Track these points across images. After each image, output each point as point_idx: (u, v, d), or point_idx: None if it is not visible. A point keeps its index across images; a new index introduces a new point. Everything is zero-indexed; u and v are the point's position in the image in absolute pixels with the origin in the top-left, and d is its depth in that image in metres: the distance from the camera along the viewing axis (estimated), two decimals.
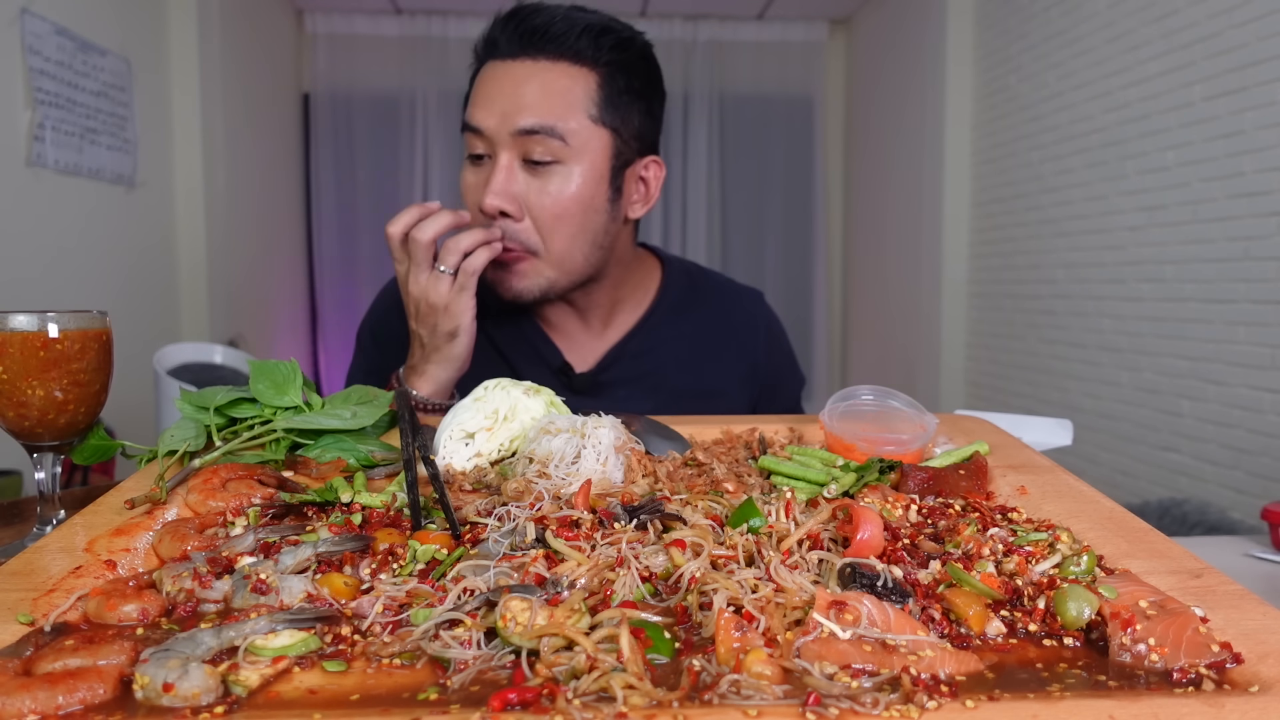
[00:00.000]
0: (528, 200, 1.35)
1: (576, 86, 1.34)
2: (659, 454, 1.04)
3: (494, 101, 1.33)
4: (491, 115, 1.33)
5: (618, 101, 1.38)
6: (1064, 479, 0.94)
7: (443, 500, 0.79)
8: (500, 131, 1.33)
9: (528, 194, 1.35)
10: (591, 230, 1.40)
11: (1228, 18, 2.85)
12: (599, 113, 1.36)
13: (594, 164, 1.37)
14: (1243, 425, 2.86)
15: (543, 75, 1.33)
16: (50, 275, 3.26)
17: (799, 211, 6.12)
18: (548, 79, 1.33)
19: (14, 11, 3.03)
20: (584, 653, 0.54)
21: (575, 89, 1.34)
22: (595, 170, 1.37)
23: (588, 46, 1.35)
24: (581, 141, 1.35)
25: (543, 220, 1.36)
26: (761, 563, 0.68)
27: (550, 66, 1.34)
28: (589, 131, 1.35)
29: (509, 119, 1.32)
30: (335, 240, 5.90)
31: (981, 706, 0.51)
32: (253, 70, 4.92)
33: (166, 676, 0.52)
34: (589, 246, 1.41)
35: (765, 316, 1.68)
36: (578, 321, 1.55)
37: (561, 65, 1.34)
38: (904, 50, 5.05)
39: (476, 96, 1.37)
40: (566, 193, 1.35)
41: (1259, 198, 2.75)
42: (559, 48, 1.34)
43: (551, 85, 1.33)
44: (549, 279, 1.41)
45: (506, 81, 1.34)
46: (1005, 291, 4.23)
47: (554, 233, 1.36)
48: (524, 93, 1.32)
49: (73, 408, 0.96)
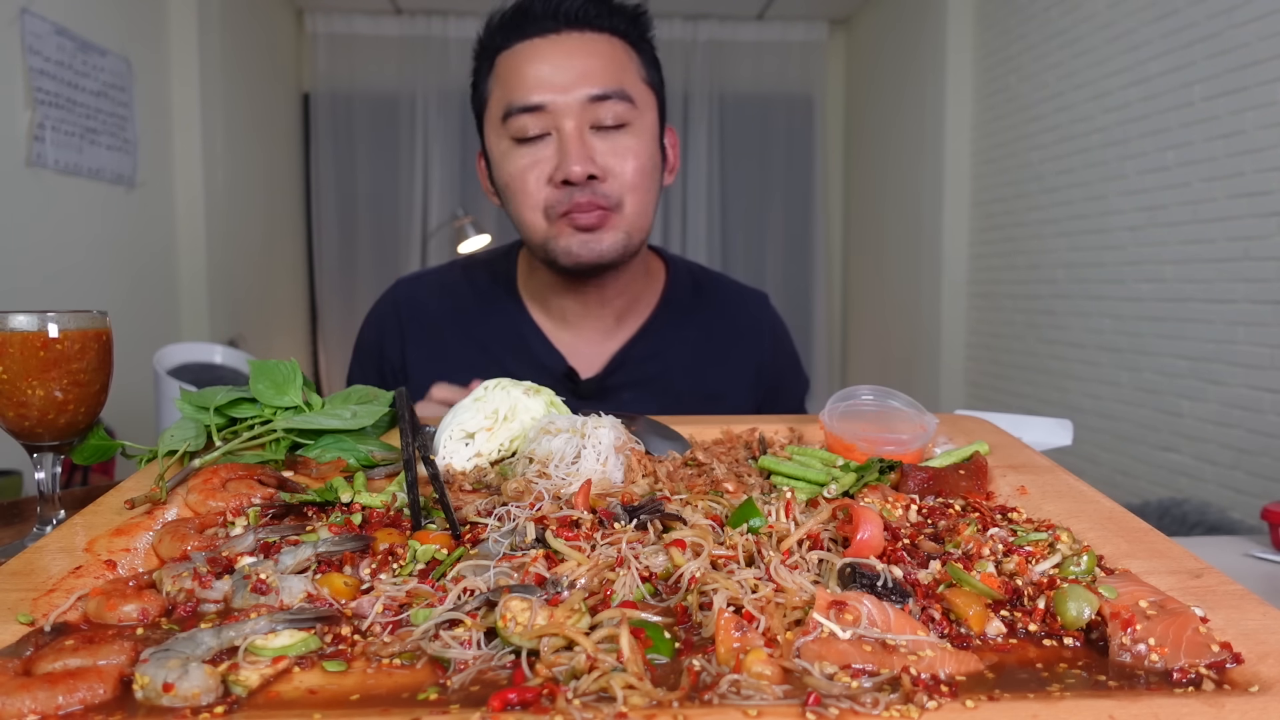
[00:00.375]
0: (606, 163, 1.36)
1: (620, 54, 1.39)
2: (659, 454, 1.04)
3: (552, 75, 1.34)
4: (552, 89, 1.33)
5: (651, 66, 1.44)
6: (1064, 479, 0.94)
7: (443, 500, 0.79)
8: (567, 102, 1.33)
9: (605, 156, 1.36)
10: (654, 192, 1.45)
11: (1228, 18, 2.85)
12: (646, 75, 1.42)
13: (651, 125, 1.42)
14: (1243, 425, 2.86)
15: (591, 44, 1.36)
16: (50, 275, 3.26)
17: (799, 211, 6.11)
18: (595, 48, 1.36)
19: (14, 11, 3.03)
20: (584, 653, 0.54)
21: (621, 55, 1.38)
22: (652, 131, 1.42)
23: (620, 21, 1.39)
24: (643, 103, 1.40)
25: (625, 179, 1.38)
26: (761, 563, 0.68)
27: (595, 37, 1.37)
28: (645, 94, 1.41)
29: (575, 88, 1.33)
30: (335, 240, 5.90)
31: (981, 706, 0.51)
32: (253, 70, 4.92)
33: (166, 676, 0.52)
34: (652, 209, 1.45)
35: (770, 319, 1.68)
36: (593, 321, 1.54)
37: (604, 36, 1.38)
38: (904, 50, 5.05)
39: (523, 76, 1.35)
40: (642, 152, 1.39)
41: (1259, 198, 2.75)
42: (597, 22, 1.37)
43: (603, 54, 1.36)
44: (625, 238, 1.41)
45: (557, 54, 1.35)
46: (1005, 291, 4.23)
47: (633, 191, 1.39)
48: (583, 61, 1.34)
49: (73, 408, 0.96)
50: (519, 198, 1.39)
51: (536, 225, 1.39)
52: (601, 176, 1.35)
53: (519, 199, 1.39)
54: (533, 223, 1.40)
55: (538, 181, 1.36)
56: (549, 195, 1.36)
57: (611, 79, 1.35)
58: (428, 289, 1.64)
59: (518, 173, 1.37)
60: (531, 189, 1.37)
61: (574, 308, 1.53)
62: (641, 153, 1.38)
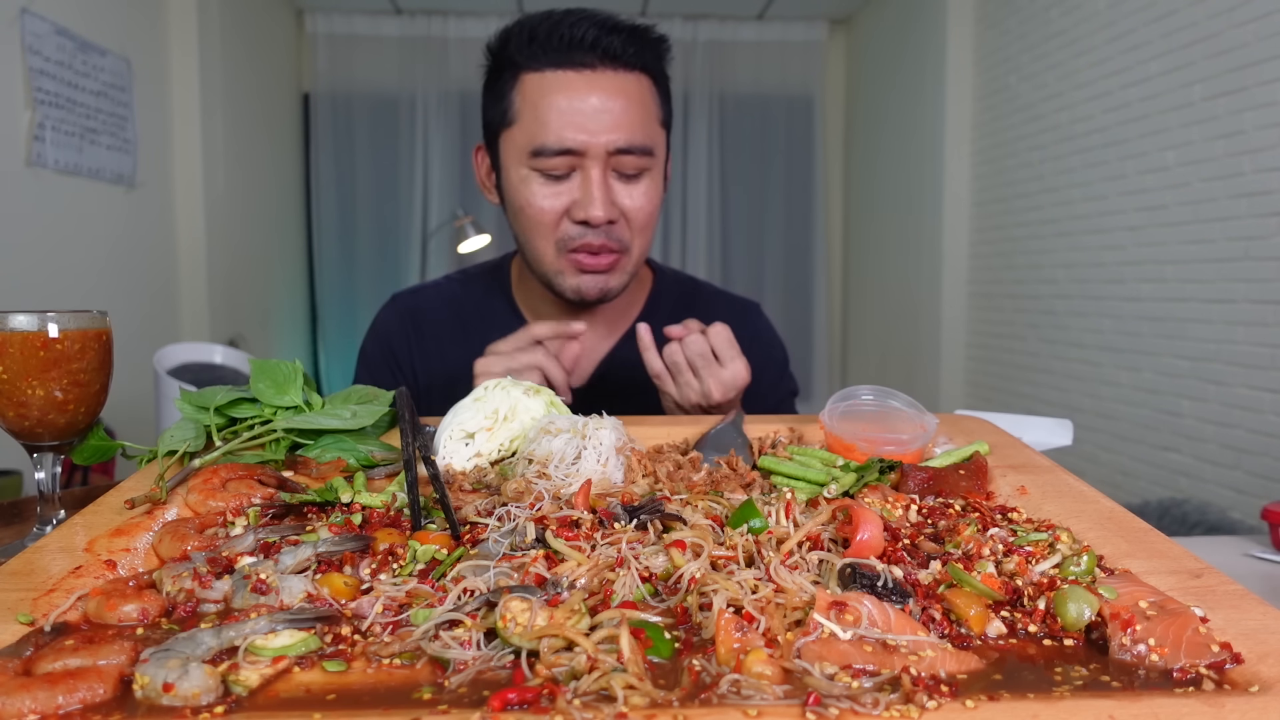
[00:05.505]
0: (624, 205, 1.40)
1: (647, 96, 1.40)
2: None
3: (586, 121, 1.34)
4: (586, 132, 1.34)
5: (665, 101, 1.46)
6: (1064, 479, 0.94)
7: (443, 500, 0.79)
8: (597, 147, 1.34)
9: (622, 199, 1.40)
10: (656, 228, 1.50)
11: (1228, 18, 2.85)
12: (661, 115, 1.44)
13: (662, 164, 1.46)
14: (1243, 425, 2.86)
15: (623, 86, 1.36)
16: (50, 275, 3.26)
17: (799, 211, 6.11)
18: (627, 91, 1.36)
19: (14, 11, 3.03)
20: (584, 653, 0.54)
21: (647, 98, 1.40)
22: (662, 171, 1.46)
23: (651, 57, 1.40)
24: (659, 150, 1.43)
25: (637, 222, 1.42)
26: (761, 563, 0.68)
27: (628, 77, 1.37)
28: (660, 137, 1.43)
29: (605, 133, 1.34)
30: (335, 240, 5.90)
31: (982, 706, 0.51)
32: (253, 70, 4.92)
33: (166, 676, 0.52)
34: (651, 241, 1.50)
35: (754, 327, 1.68)
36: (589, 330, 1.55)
37: (633, 75, 1.38)
38: (904, 50, 5.05)
39: (559, 113, 1.34)
40: (654, 198, 1.43)
41: (1259, 198, 2.75)
42: (632, 60, 1.37)
43: (634, 98, 1.37)
44: (630, 277, 1.48)
45: (594, 95, 1.34)
46: (1005, 291, 4.23)
47: (642, 232, 1.44)
48: (618, 108, 1.35)
49: (73, 408, 0.96)
50: (535, 227, 1.41)
51: (546, 254, 1.43)
52: (615, 220, 1.40)
53: (534, 228, 1.41)
54: (543, 251, 1.43)
55: (555, 215, 1.39)
56: (566, 230, 1.40)
57: (638, 131, 1.37)
58: (428, 301, 1.65)
59: (536, 202, 1.39)
60: (549, 222, 1.40)
61: (566, 319, 1.54)
62: (654, 196, 1.43)
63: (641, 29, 1.39)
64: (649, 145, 1.38)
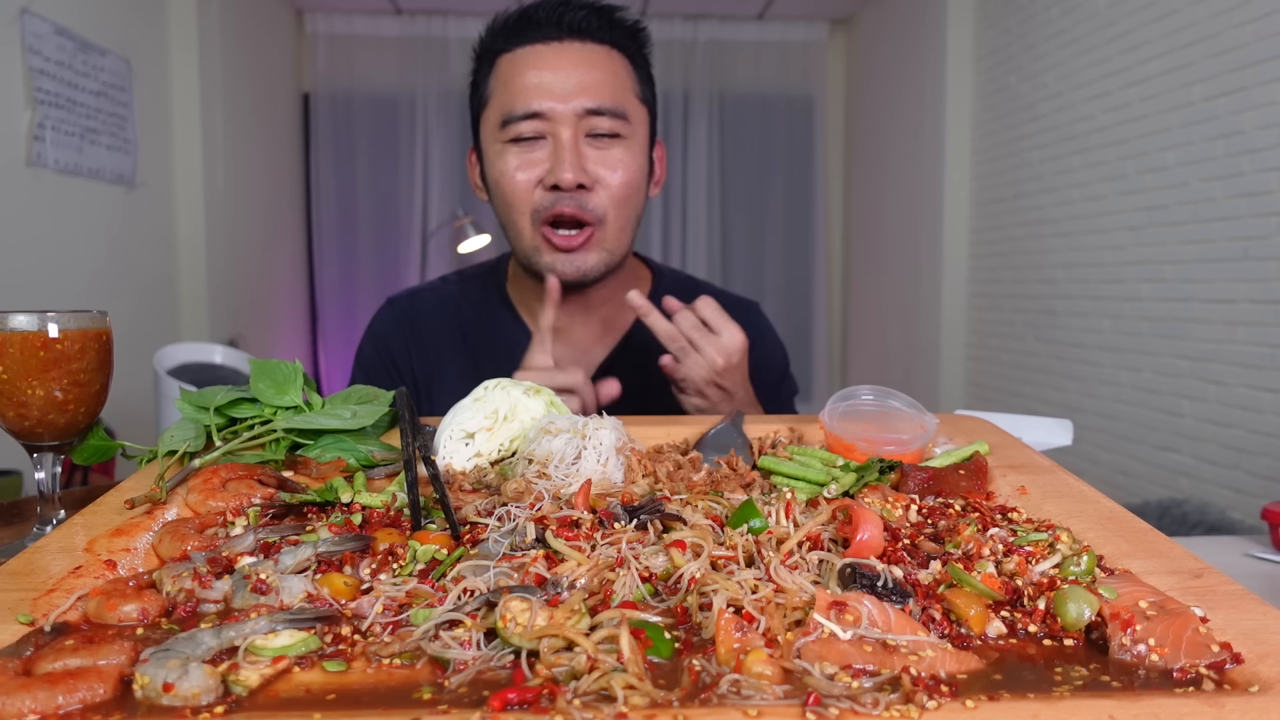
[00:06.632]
0: (596, 172, 1.39)
1: (619, 67, 1.41)
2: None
3: (552, 83, 1.36)
4: (551, 96, 1.35)
5: (646, 82, 1.46)
6: (1064, 479, 0.94)
7: (443, 500, 0.79)
8: (564, 111, 1.35)
9: (595, 166, 1.39)
10: (637, 207, 1.46)
11: (1228, 18, 2.85)
12: (638, 90, 1.44)
13: (642, 140, 1.44)
14: (1243, 425, 2.86)
15: (592, 56, 1.38)
16: (50, 275, 3.26)
17: (799, 211, 6.11)
18: (594, 60, 1.38)
19: (14, 11, 3.03)
20: (584, 653, 0.54)
21: (619, 69, 1.41)
22: (643, 146, 1.45)
23: (620, 35, 1.41)
24: (636, 119, 1.42)
25: (611, 190, 1.40)
26: (761, 563, 0.68)
27: (596, 48, 1.39)
28: (638, 109, 1.43)
29: (573, 97, 1.35)
30: (335, 240, 5.90)
31: (982, 706, 0.51)
32: (253, 70, 4.92)
33: (166, 676, 0.52)
34: (633, 225, 1.47)
35: (754, 327, 1.67)
36: (580, 328, 1.55)
37: (604, 48, 1.40)
38: (904, 50, 5.04)
39: (524, 81, 1.37)
40: (631, 169, 1.41)
41: (1259, 198, 2.75)
42: (598, 34, 1.39)
43: (602, 66, 1.39)
44: (607, 255, 1.44)
45: (559, 62, 1.37)
46: (1005, 291, 4.23)
47: (617, 205, 1.41)
48: (584, 73, 1.36)
49: (73, 408, 0.96)
50: (508, 199, 1.41)
51: (524, 231, 1.42)
52: (589, 186, 1.38)
53: (508, 200, 1.41)
54: (521, 227, 1.42)
55: (527, 183, 1.39)
56: (538, 198, 1.39)
57: (608, 94, 1.38)
58: (425, 303, 1.65)
59: (509, 172, 1.40)
60: (521, 190, 1.40)
61: (560, 316, 1.53)
62: (631, 166, 1.41)
63: (608, 7, 1.41)
64: (619, 108, 1.38)
